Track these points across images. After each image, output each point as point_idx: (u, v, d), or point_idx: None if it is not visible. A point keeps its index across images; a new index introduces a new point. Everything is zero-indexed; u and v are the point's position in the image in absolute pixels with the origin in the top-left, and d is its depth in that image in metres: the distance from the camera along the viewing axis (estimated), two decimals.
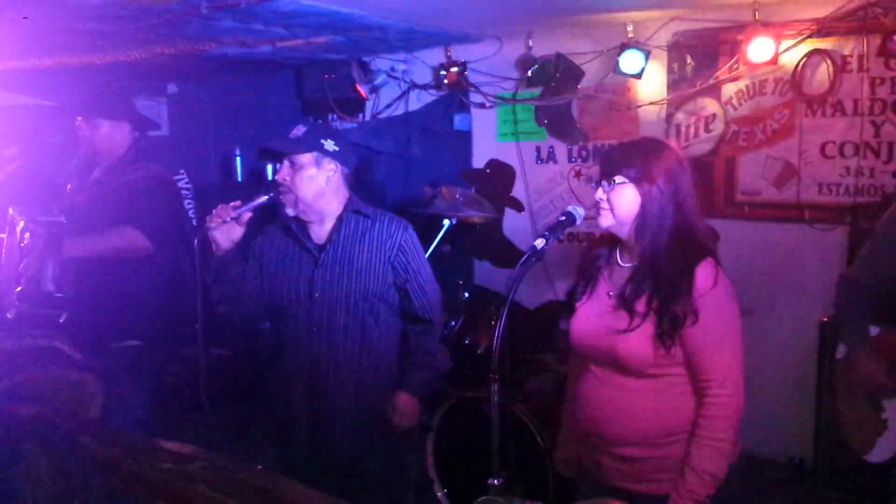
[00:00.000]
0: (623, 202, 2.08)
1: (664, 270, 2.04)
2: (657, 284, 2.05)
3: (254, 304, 2.64)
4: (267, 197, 2.55)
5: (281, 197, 2.54)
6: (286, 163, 2.54)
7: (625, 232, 2.12)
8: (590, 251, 2.29)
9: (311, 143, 2.54)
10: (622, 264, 2.18)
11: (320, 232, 2.63)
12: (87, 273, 3.09)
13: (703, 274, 2.03)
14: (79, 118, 3.28)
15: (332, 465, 2.62)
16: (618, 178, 2.07)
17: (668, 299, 2.02)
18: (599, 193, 2.11)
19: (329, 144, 2.55)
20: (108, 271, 3.11)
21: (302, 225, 2.63)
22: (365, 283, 2.58)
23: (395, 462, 2.75)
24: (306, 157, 2.53)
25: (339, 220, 2.61)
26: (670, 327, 2.02)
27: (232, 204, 2.49)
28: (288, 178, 2.53)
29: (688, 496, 2.03)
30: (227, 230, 2.48)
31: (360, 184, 2.75)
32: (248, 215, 2.51)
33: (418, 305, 2.68)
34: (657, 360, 2.05)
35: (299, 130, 2.57)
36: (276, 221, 2.73)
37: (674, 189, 2.07)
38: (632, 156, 2.10)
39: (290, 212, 2.57)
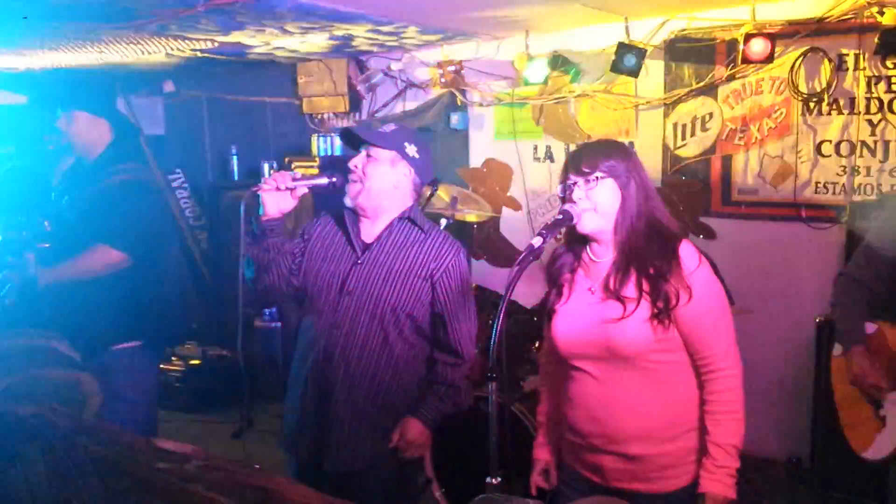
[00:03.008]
0: (606, 197, 2.08)
1: (647, 255, 2.06)
2: (642, 269, 2.06)
3: (282, 280, 2.56)
4: (328, 180, 2.51)
5: (347, 183, 2.49)
6: (363, 152, 2.49)
7: (605, 229, 2.12)
8: (555, 259, 2.27)
9: (394, 142, 2.48)
10: (598, 259, 2.17)
11: (371, 230, 2.55)
12: (73, 285, 3.07)
13: (687, 253, 2.07)
14: (59, 110, 3.21)
15: (333, 472, 2.54)
16: (598, 174, 2.07)
17: (657, 280, 2.04)
18: (578, 193, 2.10)
19: (411, 150, 2.50)
20: (93, 281, 3.08)
21: (355, 219, 2.56)
22: (397, 294, 2.48)
23: (397, 480, 2.63)
24: (385, 154, 2.47)
25: (392, 224, 2.53)
26: (665, 306, 2.03)
27: (291, 174, 2.46)
28: (359, 166, 2.47)
29: (721, 472, 2.04)
30: (278, 198, 2.45)
31: None
32: (304, 190, 2.48)
33: (451, 336, 2.55)
34: (658, 345, 2.05)
35: (388, 127, 2.54)
36: (333, 210, 2.66)
37: (643, 182, 2.11)
38: (606, 152, 2.12)
39: (348, 201, 2.51)
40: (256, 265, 2.53)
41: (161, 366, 3.62)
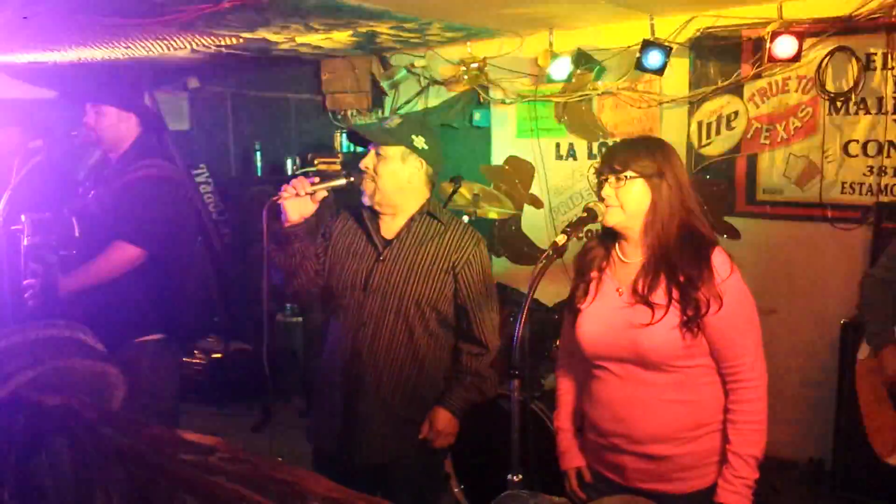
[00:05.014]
0: (634, 198, 2.07)
1: (677, 261, 2.04)
2: (672, 275, 2.04)
3: (310, 282, 2.59)
4: (346, 181, 2.51)
5: (361, 184, 2.50)
6: (372, 151, 2.50)
7: (632, 228, 2.11)
8: (585, 252, 2.27)
9: (400, 137, 2.47)
10: (626, 260, 2.16)
11: (391, 226, 2.57)
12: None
13: (720, 261, 2.05)
14: (87, 104, 3.24)
15: (361, 465, 2.56)
16: (629, 174, 2.06)
17: (688, 287, 2.02)
18: (607, 190, 2.09)
19: (419, 141, 2.49)
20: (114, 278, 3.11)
21: (374, 216, 2.57)
22: (421, 288, 2.50)
23: (423, 473, 2.67)
24: (393, 150, 2.46)
25: (412, 219, 2.55)
26: (695, 314, 2.01)
27: (310, 179, 2.47)
28: (371, 167, 2.48)
29: (739, 482, 2.03)
30: (299, 204, 2.45)
31: None
32: (323, 194, 2.48)
33: (475, 326, 2.58)
34: (685, 351, 2.04)
35: (393, 121, 2.53)
36: (352, 206, 2.67)
37: (679, 184, 2.08)
38: (641, 152, 2.09)
39: (366, 200, 2.52)
40: (284, 271, 2.55)
41: (183, 359, 3.64)
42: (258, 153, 6.33)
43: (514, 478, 1.83)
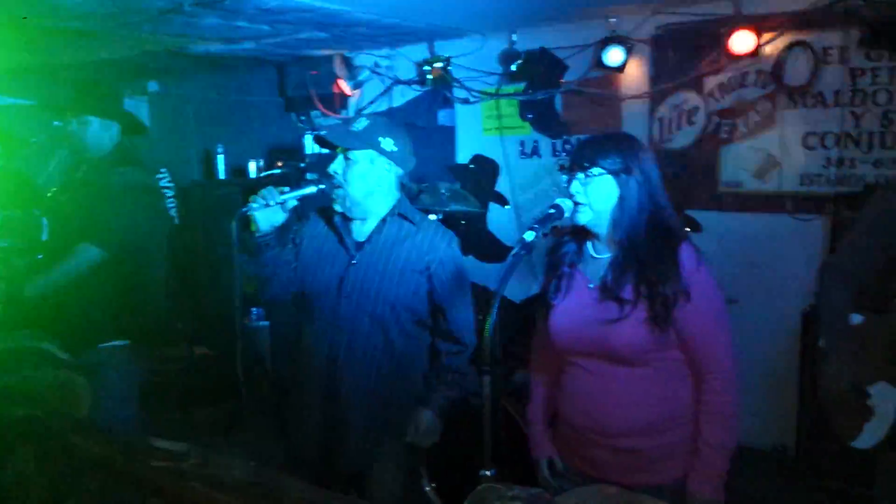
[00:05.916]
0: (601, 194, 2.08)
1: (646, 257, 2.06)
2: (641, 271, 2.06)
3: (283, 289, 2.58)
4: (316, 188, 2.49)
5: (332, 190, 2.48)
6: (340, 155, 2.47)
7: (601, 225, 2.12)
8: (557, 247, 2.28)
9: (367, 140, 2.45)
10: (597, 256, 2.17)
11: (362, 229, 2.55)
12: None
13: (687, 255, 2.06)
14: (68, 114, 3.23)
15: (341, 470, 2.55)
16: (595, 170, 2.07)
17: (655, 283, 2.03)
18: (575, 187, 2.10)
19: (387, 143, 2.47)
20: (79, 280, 3.08)
21: (345, 219, 2.56)
22: (395, 290, 2.49)
23: (403, 473, 2.66)
24: (361, 154, 2.45)
25: (383, 221, 2.53)
26: (663, 309, 2.02)
27: (279, 188, 2.45)
28: (340, 172, 2.46)
29: (710, 472, 2.05)
30: (269, 213, 2.44)
31: None
32: (293, 203, 2.47)
33: (451, 325, 2.58)
34: (654, 346, 2.05)
35: (360, 123, 2.50)
36: (322, 210, 2.65)
37: (648, 179, 2.10)
38: (608, 148, 2.10)
39: (337, 207, 2.50)
40: (258, 280, 2.55)
41: (147, 364, 3.61)
42: (221, 156, 6.27)
43: (487, 473, 1.84)
